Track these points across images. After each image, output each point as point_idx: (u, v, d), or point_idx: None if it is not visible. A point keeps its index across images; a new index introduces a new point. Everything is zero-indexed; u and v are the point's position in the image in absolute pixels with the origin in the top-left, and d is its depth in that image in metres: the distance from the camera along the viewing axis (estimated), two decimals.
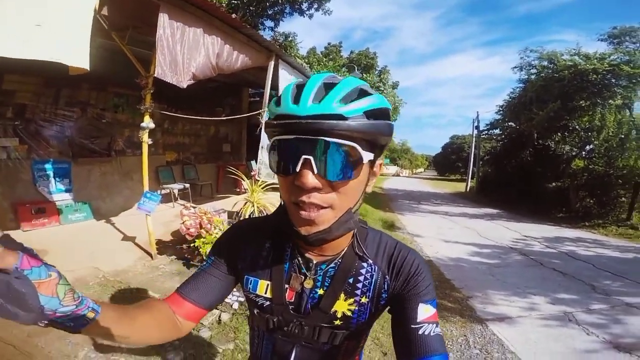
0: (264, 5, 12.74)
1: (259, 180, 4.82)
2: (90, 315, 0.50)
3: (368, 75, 18.31)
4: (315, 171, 0.56)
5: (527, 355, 2.85)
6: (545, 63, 12.31)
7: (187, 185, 6.60)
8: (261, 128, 4.89)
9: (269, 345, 0.79)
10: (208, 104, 7.86)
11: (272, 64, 4.79)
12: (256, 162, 5.20)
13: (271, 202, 4.52)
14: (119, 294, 3.04)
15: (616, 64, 10.42)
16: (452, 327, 3.29)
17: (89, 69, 2.47)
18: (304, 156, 0.55)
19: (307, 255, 0.73)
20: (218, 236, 3.08)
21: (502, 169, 16.26)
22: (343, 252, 0.73)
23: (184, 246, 3.70)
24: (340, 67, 16.45)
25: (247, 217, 4.10)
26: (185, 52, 3.21)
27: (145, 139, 3.65)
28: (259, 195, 4.56)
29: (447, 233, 7.82)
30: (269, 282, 0.74)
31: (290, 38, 15.74)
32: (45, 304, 0.42)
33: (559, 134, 11.97)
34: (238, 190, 7.43)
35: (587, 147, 12.01)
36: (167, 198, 6.14)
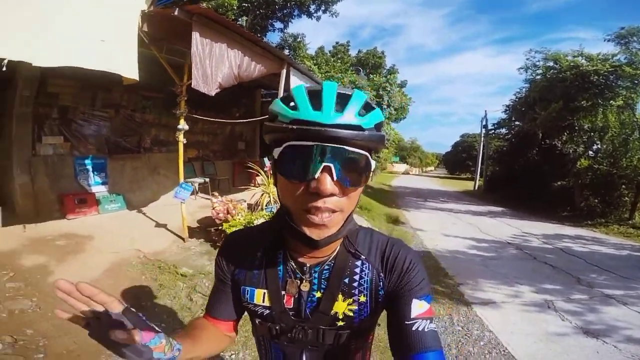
0: (273, 8, 13.21)
1: None
2: (177, 353, 0.60)
3: (375, 75, 18.60)
4: (335, 178, 0.57)
5: (503, 334, 3.20)
6: (550, 64, 12.41)
7: (207, 179, 7.17)
8: None
9: (279, 352, 0.80)
10: (225, 105, 8.40)
11: (284, 71, 5.31)
12: (270, 158, 5.74)
13: None
14: (159, 270, 3.59)
15: (618, 65, 10.52)
16: (440, 307, 3.71)
17: (138, 80, 3.01)
18: (324, 163, 0.56)
19: (300, 259, 0.74)
20: (240, 219, 3.64)
21: (509, 168, 16.41)
22: (335, 253, 0.74)
23: (212, 229, 4.28)
24: (348, 67, 16.74)
25: (264, 205, 4.64)
26: (213, 64, 3.74)
27: (181, 138, 4.23)
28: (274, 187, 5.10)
29: (449, 228, 8.17)
30: (265, 291, 0.74)
31: (299, 39, 16.19)
32: (157, 357, 0.55)
33: (566, 133, 12.11)
34: (253, 184, 7.99)
35: (594, 147, 12.13)
36: None
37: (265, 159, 7.19)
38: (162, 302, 3.07)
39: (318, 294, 0.73)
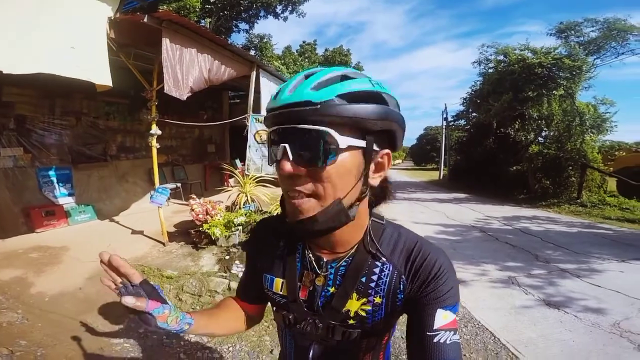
0: (238, 9, 12.97)
1: (248, 175, 5.43)
2: (186, 327, 0.68)
3: None
4: (291, 158, 0.56)
5: (476, 310, 3.48)
6: (501, 57, 13.08)
7: (179, 185, 7.08)
8: (248, 129, 5.48)
9: (291, 340, 0.81)
10: (192, 109, 8.30)
11: (254, 73, 5.39)
12: (242, 159, 5.82)
13: (263, 192, 5.15)
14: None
15: (559, 57, 11.30)
16: None
17: (112, 86, 3.00)
18: (281, 144, 0.57)
19: (317, 253, 0.73)
20: (219, 219, 3.73)
21: (470, 157, 17.23)
22: (354, 250, 0.71)
23: (192, 231, 4.31)
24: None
25: (242, 205, 4.71)
26: (184, 69, 3.76)
27: (154, 143, 4.19)
28: (251, 186, 5.18)
29: (418, 216, 8.55)
30: (283, 280, 0.75)
31: (265, 39, 16.05)
32: (161, 326, 0.63)
33: (517, 122, 12.95)
34: (226, 186, 7.98)
35: (543, 134, 13.07)
36: None
37: (237, 160, 7.22)
38: None
39: (332, 289, 0.71)
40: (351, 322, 0.70)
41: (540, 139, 13.06)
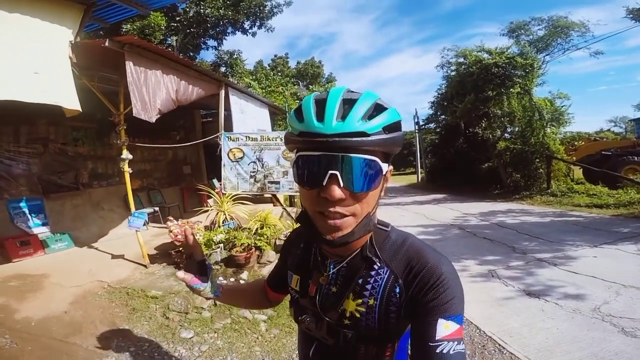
0: (205, 27, 12.84)
1: (225, 194, 5.41)
2: (211, 296, 0.94)
3: (314, 85, 19.01)
4: (342, 185, 0.59)
5: None
6: (461, 60, 13.68)
7: (157, 209, 6.92)
8: (221, 148, 5.49)
9: (301, 336, 0.94)
10: (164, 130, 8.16)
11: (222, 92, 5.42)
12: (218, 179, 5.80)
13: (242, 210, 5.16)
14: (128, 296, 3.57)
15: (512, 57, 11.99)
16: None
17: (81, 110, 2.95)
18: (330, 171, 0.58)
19: (324, 254, 0.79)
20: (200, 240, 3.77)
21: (444, 158, 17.77)
22: (355, 253, 0.75)
23: (173, 252, 4.28)
24: (289, 80, 16.92)
25: (221, 223, 4.68)
26: (150, 91, 3.74)
27: (127, 168, 4.13)
28: (229, 205, 5.16)
29: (398, 220, 8.63)
30: (298, 277, 0.85)
31: (235, 55, 16.00)
32: (200, 295, 0.94)
33: (483, 121, 13.45)
34: (205, 207, 7.86)
35: (508, 130, 13.63)
36: None
37: (215, 180, 7.14)
38: (139, 324, 3.10)
39: (334, 289, 0.77)
40: (346, 321, 0.74)
41: (506, 135, 13.57)
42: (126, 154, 4.15)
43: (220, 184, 5.65)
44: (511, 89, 12.25)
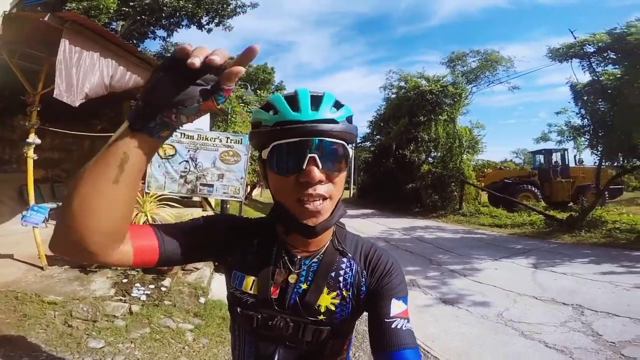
0: (159, 16, 11.91)
1: (149, 193, 4.95)
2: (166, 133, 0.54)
3: (263, 91, 18.68)
4: (320, 166, 0.64)
5: None
6: (402, 84, 14.74)
7: (60, 204, 6.07)
8: None
9: (252, 349, 0.80)
10: (83, 116, 7.27)
11: None
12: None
13: (167, 212, 4.70)
14: (17, 300, 3.07)
15: (446, 85, 13.23)
16: None
17: None
18: (310, 155, 0.64)
19: (292, 252, 0.77)
20: None
21: (374, 176, 18.79)
22: (325, 248, 0.78)
23: None
24: (236, 82, 16.48)
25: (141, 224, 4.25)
26: (81, 73, 3.34)
27: (31, 154, 3.59)
28: (151, 205, 4.69)
29: None
30: (254, 278, 0.76)
31: None
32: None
33: (412, 144, 14.62)
34: None
35: (432, 154, 15.02)
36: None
37: None
38: (34, 333, 2.70)
39: (304, 286, 0.75)
40: (321, 317, 0.74)
41: (430, 159, 14.91)
42: (33, 138, 3.61)
43: (143, 183, 5.15)
44: (439, 116, 13.44)
